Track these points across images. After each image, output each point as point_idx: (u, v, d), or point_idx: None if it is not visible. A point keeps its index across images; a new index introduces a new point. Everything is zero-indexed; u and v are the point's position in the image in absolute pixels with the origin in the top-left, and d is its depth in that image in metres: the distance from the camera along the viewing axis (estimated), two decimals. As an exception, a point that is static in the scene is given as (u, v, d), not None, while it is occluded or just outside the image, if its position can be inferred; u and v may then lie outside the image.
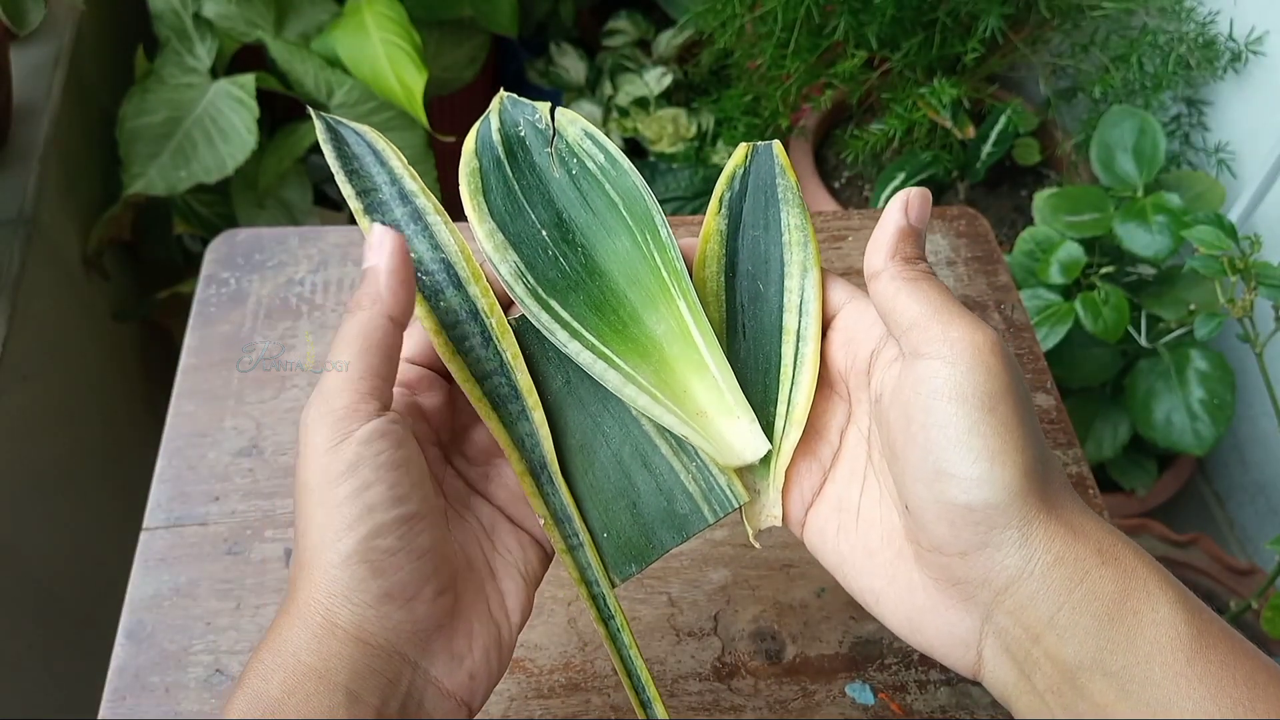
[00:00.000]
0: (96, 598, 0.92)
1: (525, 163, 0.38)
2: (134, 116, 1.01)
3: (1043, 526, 0.28)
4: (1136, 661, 0.27)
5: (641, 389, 0.34)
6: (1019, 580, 0.28)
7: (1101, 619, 0.27)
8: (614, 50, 1.52)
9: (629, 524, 0.36)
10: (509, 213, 0.37)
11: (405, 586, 0.29)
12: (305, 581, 0.29)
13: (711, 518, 0.35)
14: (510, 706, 0.45)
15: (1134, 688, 0.26)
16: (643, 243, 0.37)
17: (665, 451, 0.36)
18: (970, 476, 0.29)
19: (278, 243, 0.61)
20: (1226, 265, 0.69)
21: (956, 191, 1.22)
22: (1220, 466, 1.18)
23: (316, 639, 0.28)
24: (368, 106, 1.10)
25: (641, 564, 0.35)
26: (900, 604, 0.31)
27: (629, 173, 0.37)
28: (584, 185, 0.38)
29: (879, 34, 1.06)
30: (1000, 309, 0.61)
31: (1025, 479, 0.28)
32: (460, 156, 0.38)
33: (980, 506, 0.28)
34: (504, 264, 0.35)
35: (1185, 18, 1.05)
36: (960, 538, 0.29)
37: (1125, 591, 0.27)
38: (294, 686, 0.28)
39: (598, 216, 0.37)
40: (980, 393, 0.29)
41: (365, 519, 0.29)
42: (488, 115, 0.38)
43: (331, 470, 0.29)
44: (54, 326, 0.90)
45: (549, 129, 0.38)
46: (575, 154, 0.38)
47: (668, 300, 0.35)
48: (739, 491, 0.35)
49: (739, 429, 0.34)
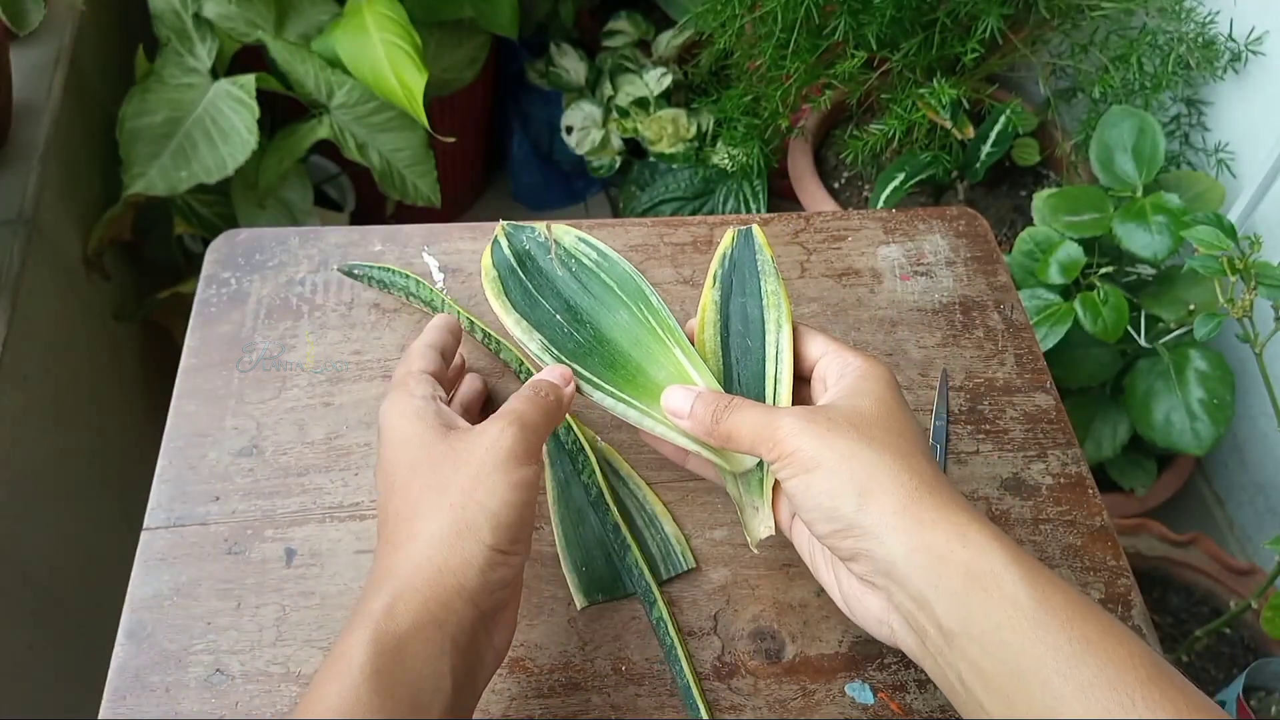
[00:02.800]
0: (96, 598, 0.93)
1: (534, 268, 0.49)
2: (134, 117, 1.01)
3: (892, 526, 0.36)
4: (991, 628, 0.34)
5: (657, 421, 0.44)
6: (895, 567, 0.36)
7: (959, 595, 0.35)
8: (614, 51, 1.52)
9: (603, 567, 0.49)
10: (528, 305, 0.47)
11: (512, 576, 0.39)
12: (445, 543, 0.37)
13: (665, 575, 0.49)
14: (510, 706, 0.45)
15: (992, 648, 0.34)
16: (638, 312, 0.47)
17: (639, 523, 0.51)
18: (819, 517, 0.38)
19: (278, 243, 0.61)
20: (1226, 265, 0.69)
21: (956, 191, 1.22)
22: (1220, 466, 1.18)
23: (446, 595, 0.36)
24: (368, 107, 1.10)
25: (608, 595, 0.48)
26: (844, 595, 0.41)
27: (619, 262, 0.49)
28: (583, 278, 0.48)
29: (879, 34, 1.06)
30: (1000, 309, 0.61)
31: (861, 498, 0.37)
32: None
33: (837, 530, 0.38)
34: (532, 342, 0.46)
35: (1185, 18, 1.05)
36: (841, 550, 0.39)
37: (976, 573, 0.35)
38: (421, 628, 0.35)
39: (599, 299, 0.48)
40: (802, 462, 0.39)
41: (519, 525, 0.38)
42: (496, 240, 0.49)
43: (512, 475, 0.38)
44: (54, 326, 0.90)
45: (548, 240, 0.49)
46: (573, 255, 0.49)
47: (665, 351, 0.46)
48: (689, 558, 0.49)
49: None
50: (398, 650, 0.34)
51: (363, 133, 1.11)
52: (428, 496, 0.38)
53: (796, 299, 0.60)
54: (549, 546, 0.50)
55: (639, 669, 0.46)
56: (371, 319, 0.58)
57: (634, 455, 0.53)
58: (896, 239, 0.64)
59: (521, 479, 0.39)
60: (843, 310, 0.60)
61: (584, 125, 1.49)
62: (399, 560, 0.37)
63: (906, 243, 0.64)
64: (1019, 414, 0.56)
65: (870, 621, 0.39)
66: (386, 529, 0.39)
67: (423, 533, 0.37)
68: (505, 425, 0.40)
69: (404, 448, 0.40)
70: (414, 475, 0.39)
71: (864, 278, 0.62)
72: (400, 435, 0.41)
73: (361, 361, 0.56)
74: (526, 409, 0.41)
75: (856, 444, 0.38)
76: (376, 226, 0.62)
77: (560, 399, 0.43)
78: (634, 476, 0.52)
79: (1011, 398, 0.57)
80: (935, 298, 0.61)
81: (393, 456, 0.40)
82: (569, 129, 1.49)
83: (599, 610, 0.48)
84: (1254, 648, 0.96)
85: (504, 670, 0.46)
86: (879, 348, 0.58)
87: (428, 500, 0.38)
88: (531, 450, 0.40)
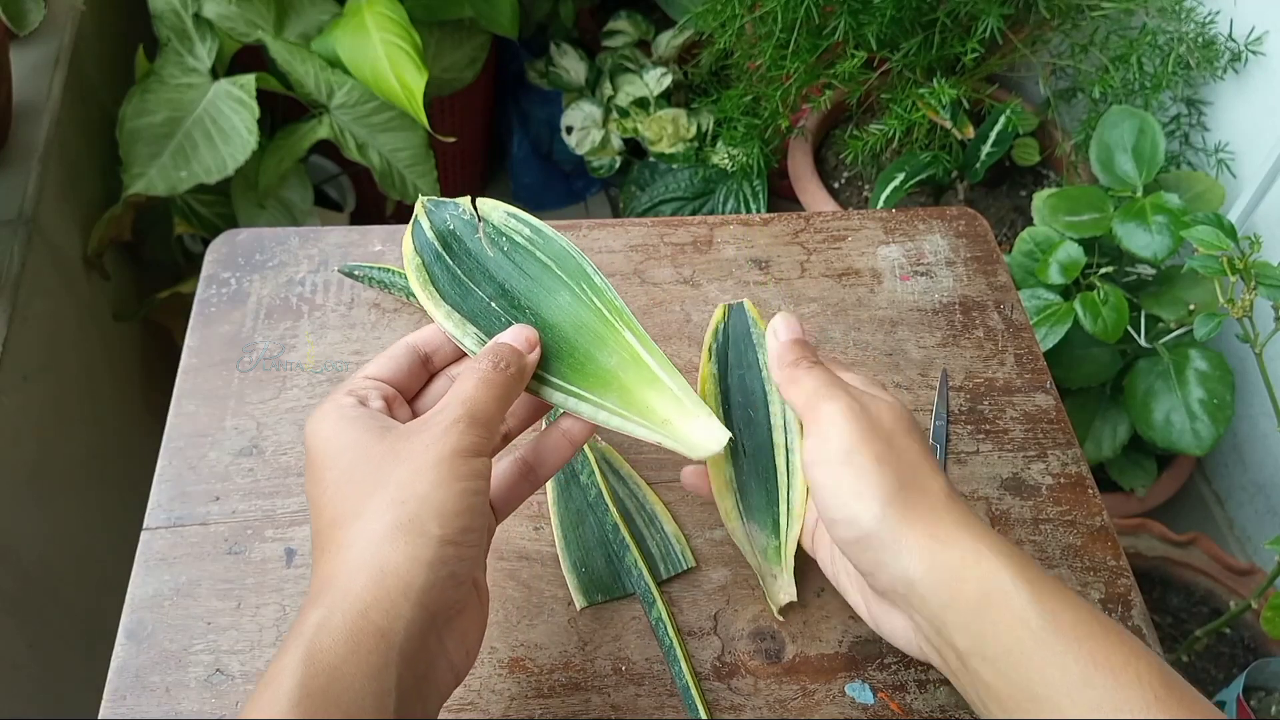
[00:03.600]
0: (96, 598, 0.93)
1: (461, 250, 0.43)
2: (134, 116, 1.01)
3: (910, 540, 0.36)
4: (1003, 649, 0.34)
5: (612, 413, 0.40)
6: (911, 585, 0.36)
7: (972, 615, 0.34)
8: (614, 51, 1.52)
9: (603, 567, 0.49)
10: (459, 294, 0.42)
11: (466, 571, 0.35)
12: (385, 541, 0.33)
13: (665, 575, 0.49)
14: (510, 706, 0.45)
15: (1003, 668, 0.33)
16: (580, 293, 0.42)
17: (639, 523, 0.50)
18: (842, 519, 0.38)
19: (278, 243, 0.61)
20: (1226, 265, 0.69)
21: (956, 191, 1.22)
22: (1220, 466, 1.18)
23: (390, 598, 0.32)
24: (368, 107, 1.10)
25: (607, 596, 0.48)
26: (872, 613, 0.40)
27: (555, 238, 0.44)
28: (517, 257, 0.43)
29: (879, 34, 1.06)
30: (1000, 309, 0.61)
31: (885, 506, 0.36)
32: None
33: (860, 537, 0.37)
34: (467, 337, 0.41)
35: (1185, 18, 1.05)
36: (862, 562, 0.38)
37: (988, 591, 0.34)
38: (359, 643, 0.31)
39: (536, 280, 0.43)
40: (836, 451, 0.38)
41: (469, 514, 0.35)
42: (416, 219, 0.44)
43: (458, 468, 0.35)
44: (54, 326, 0.90)
45: (474, 217, 0.44)
46: (503, 233, 0.44)
47: (614, 334, 0.42)
48: (689, 557, 0.49)
49: (698, 425, 0.40)
50: (332, 670, 0.31)
51: (363, 133, 1.11)
52: (365, 499, 0.34)
53: (796, 299, 0.60)
54: (549, 546, 0.50)
55: (639, 669, 0.46)
56: (371, 319, 0.58)
57: (634, 455, 0.53)
58: (896, 239, 0.64)
59: (470, 470, 0.35)
60: (843, 310, 0.60)
61: (584, 125, 1.49)
62: (335, 567, 0.33)
63: (906, 243, 0.64)
64: (1019, 414, 0.56)
65: (900, 639, 0.39)
66: (321, 539, 0.35)
67: (361, 534, 0.34)
68: (452, 422, 0.36)
69: (337, 456, 0.36)
70: (348, 481, 0.35)
71: (864, 278, 0.62)
72: (333, 446, 0.36)
73: (361, 361, 0.56)
74: (478, 394, 0.37)
75: (889, 452, 0.38)
76: (376, 226, 0.62)
77: (522, 369, 0.39)
78: (634, 476, 0.52)
79: (1011, 398, 0.57)
80: (935, 298, 0.61)
81: (322, 465, 0.36)
82: (569, 129, 1.49)
83: (599, 610, 0.48)
84: (1254, 648, 0.96)
85: (504, 670, 0.46)
86: (879, 348, 0.58)
87: (365, 502, 0.34)
88: (482, 443, 0.36)
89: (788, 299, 0.60)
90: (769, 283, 0.61)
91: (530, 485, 0.42)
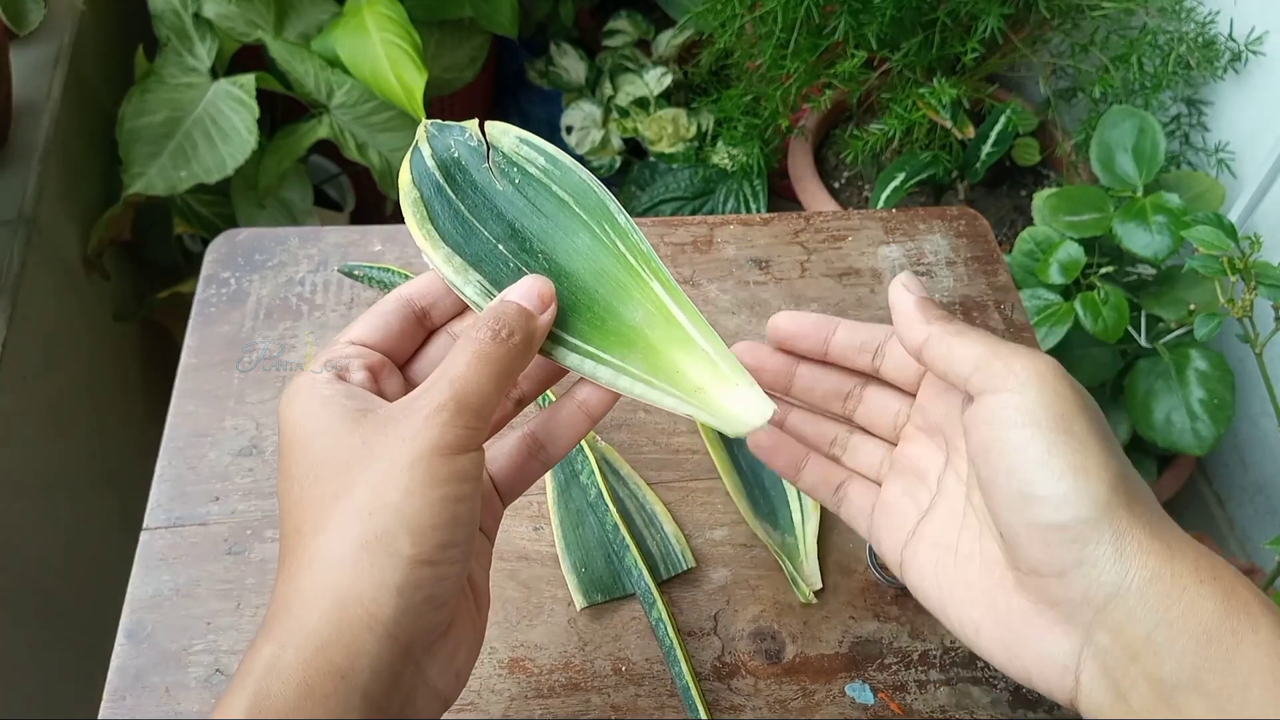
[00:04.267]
0: (96, 598, 0.92)
1: (466, 182, 0.37)
2: (134, 116, 1.01)
3: (1136, 541, 0.29)
4: (1235, 683, 0.27)
5: (635, 378, 0.34)
6: (1117, 596, 0.28)
7: (1200, 638, 0.27)
8: (614, 50, 1.52)
9: (603, 567, 0.49)
10: (462, 235, 0.36)
11: (449, 592, 0.30)
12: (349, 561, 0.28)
13: (665, 575, 0.49)
14: (510, 706, 0.45)
15: (1231, 709, 0.26)
16: (602, 234, 0.36)
17: (639, 523, 0.50)
18: (1056, 495, 0.29)
19: (278, 243, 0.61)
20: (1226, 265, 0.69)
21: (956, 191, 1.22)
22: (1220, 466, 1.18)
23: (352, 631, 0.28)
24: (368, 107, 1.10)
25: (607, 596, 0.48)
26: (999, 631, 0.32)
27: (573, 169, 0.37)
28: (530, 192, 0.37)
29: (879, 34, 1.06)
30: (1000, 309, 0.61)
31: (1112, 491, 0.29)
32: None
33: (1070, 523, 0.29)
34: (469, 285, 0.35)
35: (1185, 18, 1.05)
36: (1055, 558, 0.29)
37: (1225, 612, 0.27)
38: (313, 687, 0.27)
39: (551, 219, 0.37)
40: (1053, 414, 0.30)
41: (449, 527, 0.29)
42: (416, 145, 0.37)
43: (439, 470, 0.29)
44: (54, 327, 0.90)
45: (482, 144, 0.37)
46: (514, 163, 0.37)
47: (640, 285, 0.36)
48: (689, 558, 0.50)
49: (739, 395, 0.34)
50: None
51: (363, 132, 1.11)
52: (330, 506, 0.29)
53: (796, 299, 0.60)
54: (549, 546, 0.50)
55: (639, 669, 0.46)
56: (371, 319, 0.58)
57: (634, 455, 0.53)
58: (897, 239, 0.64)
59: (453, 473, 0.29)
60: (843, 310, 0.60)
61: (584, 125, 1.49)
62: (293, 590, 0.29)
63: (907, 243, 0.64)
64: (1019, 414, 0.56)
65: (1044, 668, 0.30)
66: (283, 547, 0.31)
67: (322, 552, 0.29)
68: (435, 410, 0.30)
69: (304, 447, 0.31)
70: (314, 480, 0.30)
71: (864, 278, 0.62)
72: (300, 433, 0.31)
73: (361, 361, 0.56)
74: (471, 373, 0.30)
75: (1105, 430, 0.30)
76: (376, 226, 0.62)
77: (529, 336, 0.32)
78: (634, 477, 0.52)
79: (1012, 398, 0.57)
80: (935, 298, 0.61)
81: (288, 457, 0.31)
82: (569, 129, 1.49)
83: (599, 610, 0.48)
84: (1254, 648, 0.96)
85: (504, 670, 0.46)
86: (879, 348, 0.58)
87: (331, 509, 0.29)
88: (470, 436, 0.30)
89: (788, 299, 0.60)
90: (769, 283, 0.61)
91: (542, 465, 0.36)
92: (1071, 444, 0.29)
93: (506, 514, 0.51)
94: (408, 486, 0.29)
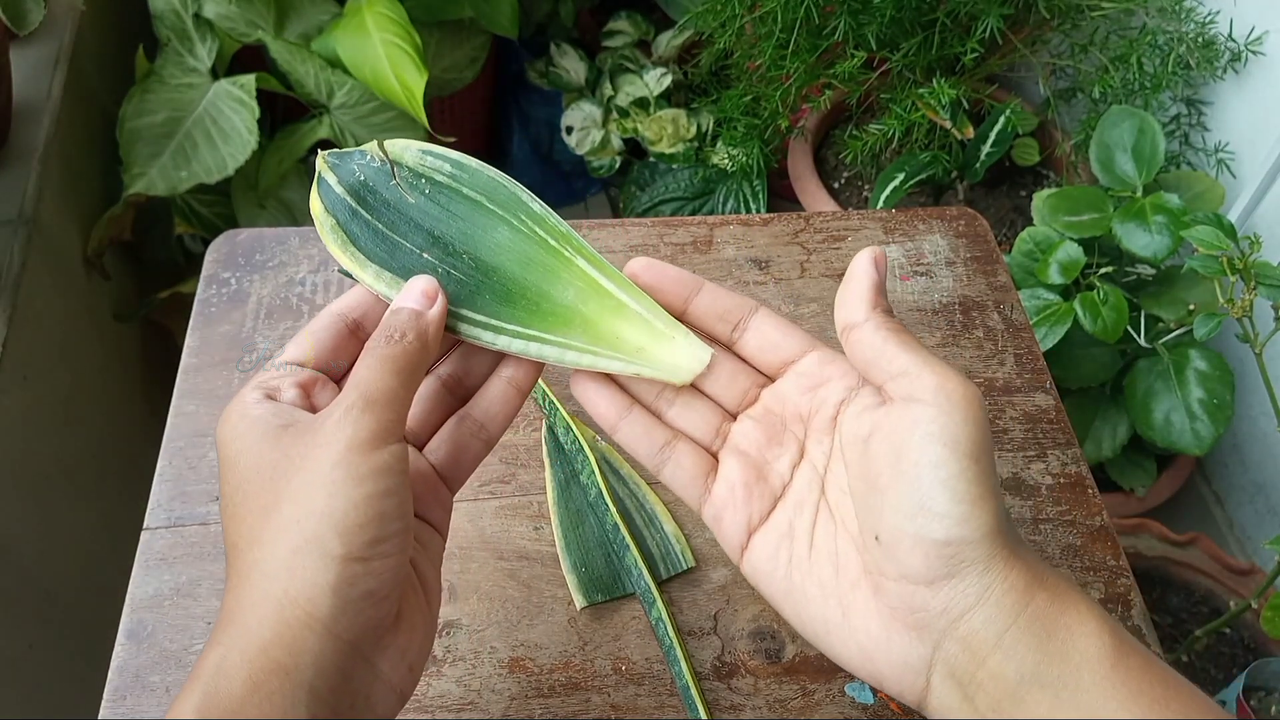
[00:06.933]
0: (96, 598, 0.92)
1: (378, 202, 0.38)
2: (134, 116, 1.01)
3: (1002, 560, 0.31)
4: (1069, 670, 0.30)
5: (581, 351, 0.37)
6: (974, 607, 0.31)
7: (1041, 635, 0.30)
8: (614, 51, 1.52)
9: (603, 567, 0.49)
10: (385, 251, 0.37)
11: (387, 587, 0.31)
12: (283, 567, 0.30)
13: (665, 574, 0.49)
14: (510, 706, 0.45)
15: (1066, 694, 0.29)
16: (520, 225, 0.38)
17: (639, 523, 0.51)
18: (953, 514, 0.31)
19: (278, 243, 0.61)
20: (1226, 265, 0.69)
21: (956, 191, 1.22)
22: (1219, 466, 1.18)
23: (291, 631, 0.29)
24: (368, 107, 1.10)
25: (607, 595, 0.49)
26: (854, 634, 0.33)
27: (480, 169, 0.38)
28: (442, 199, 0.38)
29: (878, 34, 1.06)
30: (1000, 309, 0.61)
31: (996, 521, 0.31)
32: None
33: (956, 542, 0.31)
34: None
35: (1185, 18, 1.05)
36: (932, 568, 0.31)
37: (1060, 610, 0.30)
38: (259, 683, 0.28)
39: (467, 220, 0.38)
40: (971, 441, 0.32)
41: (377, 523, 0.30)
42: (321, 176, 0.38)
43: (358, 468, 0.30)
44: (54, 326, 0.90)
45: (385, 164, 0.38)
46: (421, 175, 0.38)
47: (565, 265, 0.37)
48: (688, 557, 0.50)
49: (677, 347, 0.37)
50: (231, 714, 0.28)
51: (363, 133, 1.11)
52: (262, 517, 0.31)
53: (796, 299, 0.60)
54: (549, 546, 0.50)
55: (639, 669, 0.46)
56: (371, 319, 0.58)
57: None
58: (896, 239, 0.64)
59: (373, 469, 0.31)
60: (843, 310, 0.60)
61: (584, 125, 1.49)
62: (236, 600, 0.30)
63: (906, 243, 0.64)
64: (1019, 414, 0.56)
65: (899, 672, 0.32)
66: (228, 566, 0.32)
67: (259, 563, 0.30)
68: (344, 411, 0.31)
69: (235, 464, 0.32)
70: (244, 498, 0.32)
71: (864, 278, 0.62)
72: (231, 451, 0.33)
73: (361, 361, 0.56)
74: (373, 376, 0.32)
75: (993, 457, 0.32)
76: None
77: (423, 335, 0.34)
78: (634, 476, 0.52)
79: (1011, 398, 0.57)
80: (935, 298, 0.61)
81: (225, 479, 0.33)
82: (569, 129, 1.49)
83: (599, 610, 0.48)
84: (1254, 648, 0.96)
85: (504, 670, 0.46)
86: (879, 348, 0.59)
87: (263, 522, 0.31)
88: (387, 427, 0.32)
89: (788, 299, 0.60)
90: (769, 283, 0.61)
91: (484, 444, 0.37)
92: (978, 473, 0.31)
93: (507, 514, 0.51)
94: (330, 488, 0.30)
